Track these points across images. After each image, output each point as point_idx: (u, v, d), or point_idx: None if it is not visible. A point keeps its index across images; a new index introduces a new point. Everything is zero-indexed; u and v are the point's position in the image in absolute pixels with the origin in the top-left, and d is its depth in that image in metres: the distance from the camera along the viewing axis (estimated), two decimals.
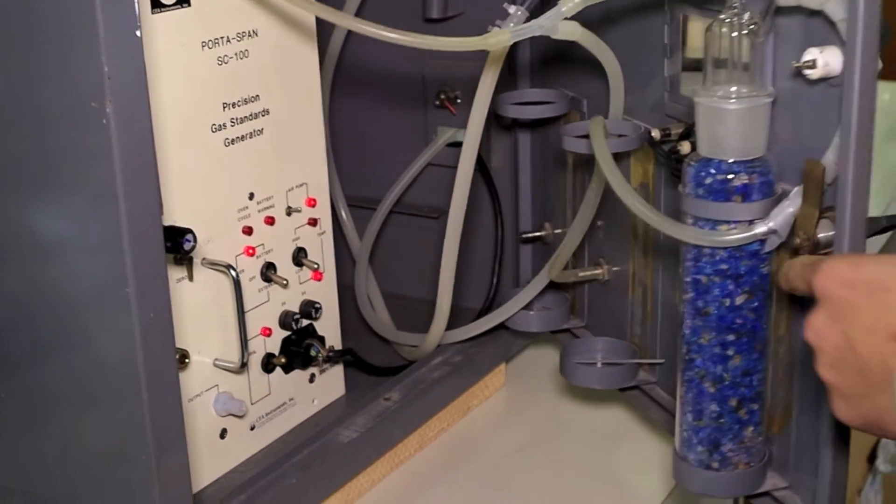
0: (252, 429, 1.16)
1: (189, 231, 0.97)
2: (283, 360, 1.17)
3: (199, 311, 1.07)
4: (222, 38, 1.05)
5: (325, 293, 1.22)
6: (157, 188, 0.89)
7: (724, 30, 0.96)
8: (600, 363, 1.29)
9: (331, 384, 1.26)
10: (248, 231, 1.11)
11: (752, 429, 1.04)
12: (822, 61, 0.91)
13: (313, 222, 1.19)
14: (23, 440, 1.00)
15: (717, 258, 0.99)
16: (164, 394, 0.92)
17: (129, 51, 0.84)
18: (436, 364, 1.34)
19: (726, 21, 0.96)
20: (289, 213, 1.16)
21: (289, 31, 1.12)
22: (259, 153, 1.11)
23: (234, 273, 1.08)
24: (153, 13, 0.97)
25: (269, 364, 1.16)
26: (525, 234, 1.43)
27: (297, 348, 1.19)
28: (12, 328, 0.95)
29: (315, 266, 1.19)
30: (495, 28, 1.08)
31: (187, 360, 1.06)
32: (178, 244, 0.96)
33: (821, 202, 0.93)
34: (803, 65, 0.92)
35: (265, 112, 1.11)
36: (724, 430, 1.03)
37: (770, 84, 0.98)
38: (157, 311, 0.89)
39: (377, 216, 1.46)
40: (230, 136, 1.08)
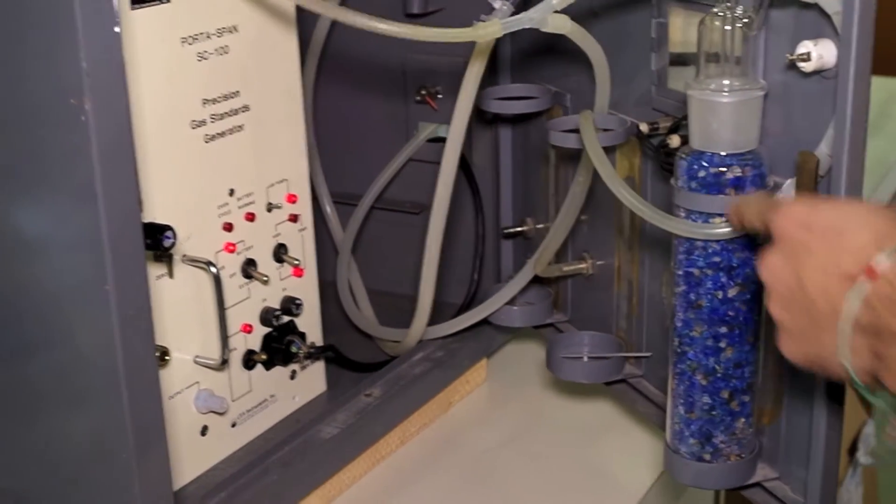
0: (233, 426, 1.15)
1: (169, 228, 0.96)
2: (263, 356, 1.17)
3: (180, 307, 1.07)
4: (202, 33, 1.04)
5: (306, 289, 1.21)
6: (137, 185, 0.88)
7: (716, 23, 0.96)
8: (587, 357, 1.29)
9: (312, 380, 1.26)
10: (228, 227, 1.10)
11: (743, 420, 1.04)
12: (816, 54, 0.91)
13: (294, 218, 1.18)
14: (3, 438, 0.99)
15: (709, 251, 0.99)
16: (144, 391, 0.91)
17: (108, 47, 0.83)
18: (417, 360, 1.34)
19: (719, 14, 0.96)
20: (269, 210, 1.15)
21: (269, 27, 1.12)
22: (239, 149, 1.11)
23: (214, 270, 1.07)
24: (132, 9, 0.96)
25: (249, 361, 1.16)
26: (507, 230, 1.43)
27: (278, 345, 1.18)
28: None
29: (296, 262, 1.18)
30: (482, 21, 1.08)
31: (168, 358, 1.06)
32: (157, 241, 0.95)
33: (814, 194, 0.94)
34: (797, 57, 0.92)
35: (245, 108, 1.11)
36: (716, 422, 1.04)
37: (762, 77, 0.99)
38: (137, 308, 0.89)
39: (358, 212, 1.45)
40: (210, 133, 1.07)
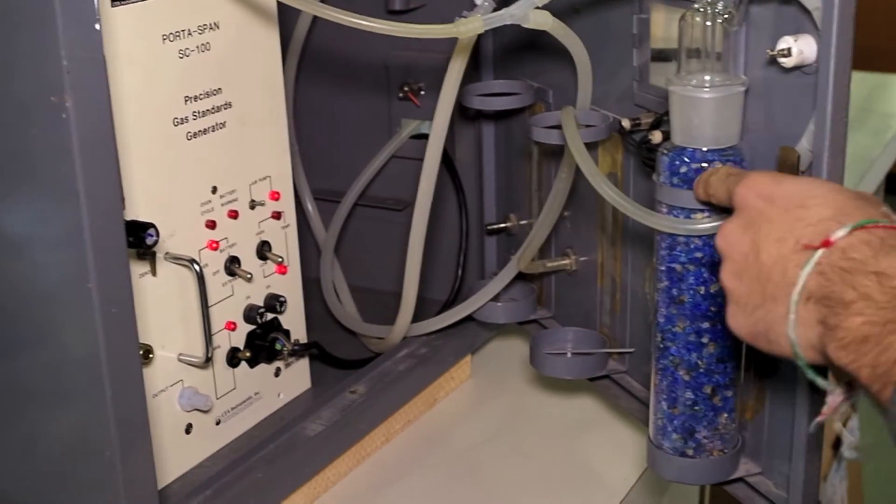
0: (217, 423, 1.15)
1: (151, 225, 0.96)
2: (248, 354, 1.16)
3: (163, 305, 1.06)
4: (183, 30, 1.04)
5: (290, 286, 1.21)
6: (119, 182, 0.88)
7: (697, 19, 0.96)
8: (570, 353, 1.29)
9: (296, 378, 1.25)
10: (211, 225, 1.10)
11: (726, 415, 1.04)
12: (797, 49, 0.92)
13: (277, 215, 1.18)
14: None
15: (691, 246, 0.99)
16: (127, 389, 0.91)
17: (89, 44, 0.83)
18: (401, 356, 1.34)
19: (700, 10, 0.96)
20: (252, 207, 1.15)
21: (250, 24, 1.12)
22: (222, 146, 1.10)
23: (197, 267, 1.07)
24: (113, 6, 0.96)
25: (234, 358, 1.15)
26: (490, 226, 1.43)
27: (262, 342, 1.18)
28: None
29: (279, 259, 1.18)
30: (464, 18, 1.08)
31: (151, 356, 1.05)
32: (140, 239, 0.95)
33: None
34: (778, 53, 0.92)
35: (227, 105, 1.10)
36: (698, 418, 1.04)
37: (743, 73, 0.99)
38: (120, 305, 0.89)
39: (342, 209, 1.45)
40: (192, 130, 1.07)
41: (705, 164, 0.97)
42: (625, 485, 1.22)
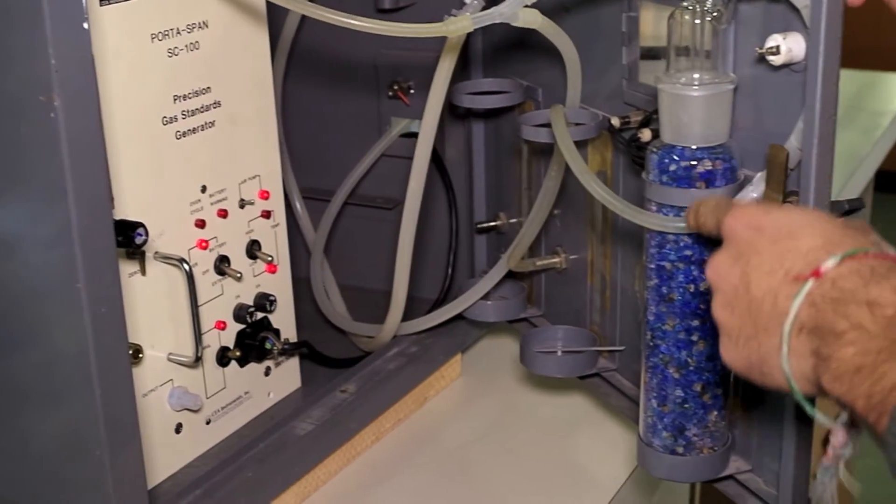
0: (208, 423, 1.15)
1: (140, 225, 0.96)
2: (237, 353, 1.16)
3: (153, 305, 1.06)
4: (172, 29, 1.04)
5: (280, 285, 1.21)
6: (108, 182, 0.88)
7: (686, 17, 0.96)
8: (560, 351, 1.29)
9: (286, 377, 1.25)
10: (200, 224, 1.10)
11: (716, 413, 1.05)
12: (786, 47, 0.92)
13: (267, 214, 1.18)
14: None
15: (681, 244, 0.99)
16: (117, 389, 0.91)
17: (77, 43, 0.82)
18: (392, 355, 1.33)
19: (689, 8, 0.97)
20: (242, 206, 1.15)
21: (239, 23, 1.11)
22: (211, 145, 1.10)
23: (187, 267, 1.07)
24: (101, 5, 0.96)
25: (223, 358, 1.15)
26: (480, 225, 1.43)
27: (252, 341, 1.18)
28: None
29: (269, 258, 1.18)
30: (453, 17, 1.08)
31: (141, 355, 1.05)
32: (129, 238, 0.95)
33: (784, 187, 0.94)
34: (767, 51, 0.92)
35: (216, 104, 1.10)
36: (688, 415, 1.04)
37: (732, 71, 0.99)
38: (109, 305, 0.88)
39: (331, 207, 1.45)
40: (181, 129, 1.07)
41: (694, 162, 0.97)
42: (615, 483, 1.22)
